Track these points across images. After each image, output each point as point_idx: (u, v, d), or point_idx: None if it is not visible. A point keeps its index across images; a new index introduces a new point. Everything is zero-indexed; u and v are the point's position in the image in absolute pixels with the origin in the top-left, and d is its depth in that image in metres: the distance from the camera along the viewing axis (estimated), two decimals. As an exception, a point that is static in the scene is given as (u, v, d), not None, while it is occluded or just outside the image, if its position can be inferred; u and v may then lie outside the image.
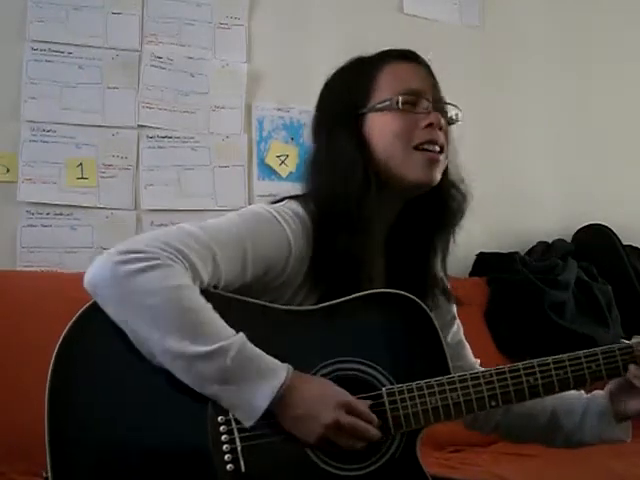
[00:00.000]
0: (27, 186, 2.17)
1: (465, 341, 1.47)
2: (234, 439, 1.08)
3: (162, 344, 1.05)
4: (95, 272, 1.08)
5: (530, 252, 2.74)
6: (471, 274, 2.66)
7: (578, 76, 2.95)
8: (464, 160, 1.37)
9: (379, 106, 1.26)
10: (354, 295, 1.18)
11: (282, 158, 2.44)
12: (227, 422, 1.08)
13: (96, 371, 1.09)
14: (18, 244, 2.16)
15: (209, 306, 1.09)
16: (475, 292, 2.53)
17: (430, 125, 1.26)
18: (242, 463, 1.07)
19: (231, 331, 1.08)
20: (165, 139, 2.34)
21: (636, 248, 2.84)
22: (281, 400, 1.07)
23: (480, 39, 2.82)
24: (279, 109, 2.47)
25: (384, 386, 1.15)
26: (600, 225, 2.81)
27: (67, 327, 1.09)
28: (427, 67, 1.32)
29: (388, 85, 1.27)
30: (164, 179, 2.32)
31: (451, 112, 1.33)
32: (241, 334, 1.08)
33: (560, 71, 2.93)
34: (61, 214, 2.21)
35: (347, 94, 1.29)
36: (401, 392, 1.14)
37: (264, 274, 1.18)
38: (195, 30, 2.41)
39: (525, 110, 2.86)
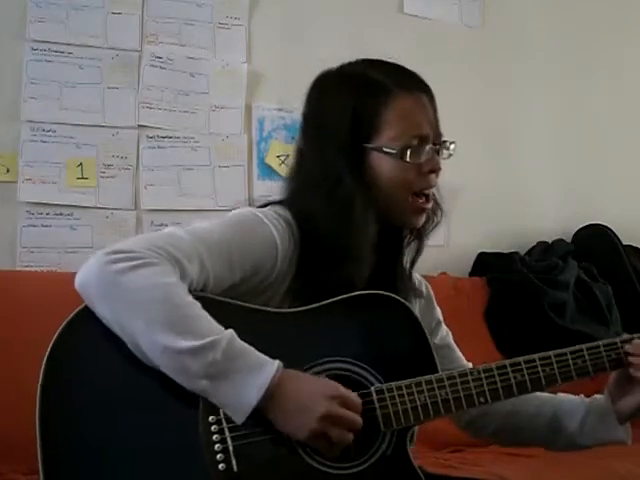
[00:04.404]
0: (27, 186, 2.17)
1: (455, 345, 1.47)
2: (225, 438, 1.07)
3: (151, 340, 1.05)
4: (85, 273, 1.10)
5: (530, 252, 2.74)
6: (471, 274, 2.67)
7: (578, 76, 2.94)
8: (464, 161, 1.37)
9: (386, 150, 1.24)
10: (342, 296, 1.20)
11: (282, 158, 2.44)
12: (218, 422, 1.08)
13: (86, 373, 1.09)
14: (18, 244, 2.16)
15: (198, 304, 1.10)
16: (475, 292, 2.53)
17: (432, 171, 1.27)
18: (234, 462, 1.07)
19: (220, 327, 1.08)
20: (165, 139, 2.34)
21: (636, 248, 2.84)
22: (272, 395, 1.06)
23: (480, 39, 2.82)
24: (279, 109, 2.47)
25: (373, 385, 1.16)
26: (600, 225, 2.81)
27: (58, 330, 1.09)
28: (431, 95, 1.30)
29: (396, 126, 1.24)
30: (164, 179, 2.33)
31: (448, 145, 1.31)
32: (230, 330, 1.08)
33: (560, 71, 2.93)
34: (61, 214, 2.21)
35: (351, 118, 1.24)
36: (390, 390, 1.15)
37: (253, 274, 1.18)
38: (195, 30, 2.40)
39: (525, 110, 2.86)
